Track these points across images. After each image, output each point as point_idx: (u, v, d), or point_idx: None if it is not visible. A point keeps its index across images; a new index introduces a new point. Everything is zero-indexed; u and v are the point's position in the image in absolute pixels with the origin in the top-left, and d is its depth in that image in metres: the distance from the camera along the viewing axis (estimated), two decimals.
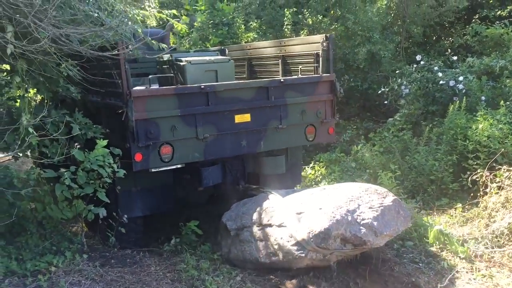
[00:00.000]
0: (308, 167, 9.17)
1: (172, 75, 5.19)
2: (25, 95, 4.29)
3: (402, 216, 4.40)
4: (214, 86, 4.85)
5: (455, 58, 9.23)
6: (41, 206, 4.42)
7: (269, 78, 5.75)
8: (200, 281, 4.09)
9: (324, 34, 5.39)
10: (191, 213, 5.66)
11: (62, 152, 4.33)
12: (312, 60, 5.52)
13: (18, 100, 4.59)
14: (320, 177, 8.80)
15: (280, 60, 6.13)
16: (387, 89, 8.90)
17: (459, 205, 6.13)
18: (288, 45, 6.09)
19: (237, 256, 4.54)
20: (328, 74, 5.38)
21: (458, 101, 7.43)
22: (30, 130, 4.19)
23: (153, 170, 4.57)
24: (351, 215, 4.06)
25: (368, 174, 7.82)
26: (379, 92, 9.19)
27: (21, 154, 4.52)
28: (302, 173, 8.90)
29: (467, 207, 6.06)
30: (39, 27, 3.62)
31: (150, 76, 5.50)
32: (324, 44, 5.29)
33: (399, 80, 8.89)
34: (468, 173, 6.20)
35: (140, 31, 5.03)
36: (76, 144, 4.49)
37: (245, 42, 12.07)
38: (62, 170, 4.18)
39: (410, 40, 11.97)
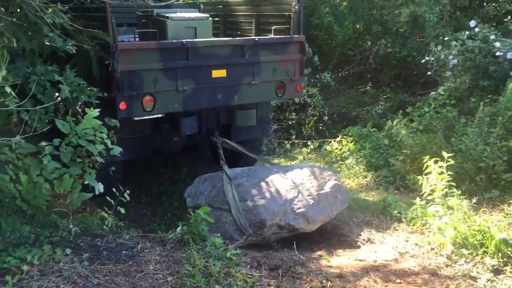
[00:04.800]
0: (334, 141, 8.25)
1: (155, 30, 5.30)
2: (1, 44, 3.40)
3: (339, 200, 5.00)
4: (194, 42, 5.10)
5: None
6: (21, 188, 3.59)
7: (243, 37, 6.09)
8: None
9: None
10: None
11: (48, 119, 3.48)
12: (284, 21, 5.87)
13: None
14: (347, 153, 7.90)
15: (253, 20, 6.47)
16: (432, 58, 7.79)
17: None
18: (262, 5, 6.42)
19: None
20: (299, 35, 5.70)
21: None
22: (8, 90, 3.34)
23: (135, 118, 4.93)
24: (288, 204, 4.65)
25: (404, 155, 6.89)
26: (422, 61, 8.08)
27: None
28: (328, 148, 8.03)
29: None
30: None
31: (136, 30, 5.72)
32: (296, 6, 5.61)
33: (440, 47, 7.76)
34: None
35: None
36: (80, 105, 3.71)
37: None
38: (43, 143, 3.32)
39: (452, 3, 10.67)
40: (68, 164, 3.42)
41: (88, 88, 3.92)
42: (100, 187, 4.04)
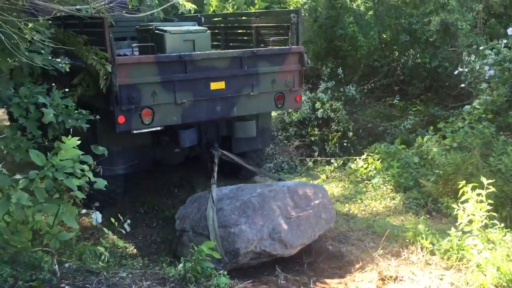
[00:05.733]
0: (359, 159, 7.71)
1: (153, 44, 5.30)
2: None
3: (324, 220, 4.91)
4: (192, 55, 5.14)
5: None
6: None
7: (243, 48, 6.03)
8: None
9: (294, 9, 5.93)
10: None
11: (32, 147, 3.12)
12: (283, 32, 5.96)
13: None
14: (374, 171, 7.34)
15: (253, 31, 6.53)
16: (465, 69, 7.19)
17: None
18: (261, 17, 6.58)
19: (180, 255, 4.64)
20: (297, 46, 5.77)
21: None
22: None
23: (134, 131, 4.97)
24: (266, 230, 4.54)
25: (437, 176, 6.30)
26: (455, 72, 7.48)
27: None
28: (352, 166, 7.50)
29: None
30: None
31: (133, 45, 5.83)
32: (294, 18, 5.67)
33: (474, 57, 7.16)
34: None
35: None
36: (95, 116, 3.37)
37: (294, 8, 10.80)
38: (18, 176, 2.94)
39: (486, 10, 10.02)
40: (45, 200, 2.99)
41: (77, 111, 3.54)
42: (98, 218, 3.74)
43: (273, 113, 10.93)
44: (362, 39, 9.61)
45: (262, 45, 6.23)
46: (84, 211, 4.13)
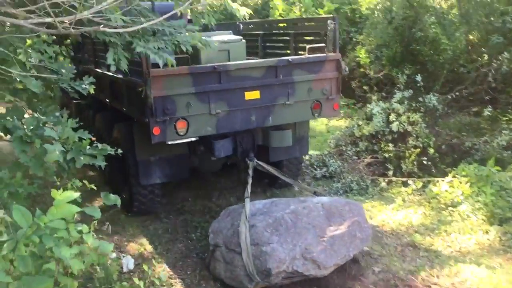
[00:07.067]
0: (442, 181, 6.62)
1: (188, 56, 5.13)
2: None
3: (358, 239, 4.78)
4: (226, 65, 5.18)
5: None
6: None
7: (280, 56, 6.11)
8: None
9: (332, 16, 5.86)
10: None
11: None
12: (320, 39, 5.88)
13: None
14: (461, 197, 6.24)
15: (291, 38, 6.58)
16: None
17: None
18: (298, 24, 6.76)
19: (213, 270, 4.87)
20: (334, 53, 5.68)
21: None
22: None
23: (169, 142, 5.02)
24: (298, 249, 4.44)
25: None
26: None
27: None
28: (434, 189, 6.46)
29: None
30: None
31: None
32: (331, 24, 5.59)
33: None
34: None
35: None
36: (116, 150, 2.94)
37: (366, 9, 9.99)
38: (4, 237, 2.26)
39: None
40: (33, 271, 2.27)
41: (91, 146, 2.91)
42: (130, 263, 3.25)
43: (342, 125, 10.07)
44: (446, 41, 8.61)
45: (300, 52, 6.17)
46: (114, 255, 3.58)
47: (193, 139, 5.20)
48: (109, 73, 5.97)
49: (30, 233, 2.12)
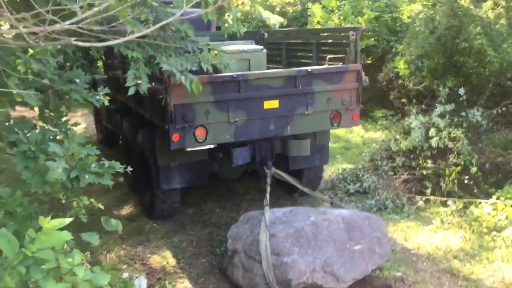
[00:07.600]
0: (486, 202, 6.19)
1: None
2: None
3: (378, 254, 4.80)
4: (245, 75, 5.22)
5: None
6: None
7: (303, 65, 6.22)
8: None
9: (353, 26, 6.15)
10: None
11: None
12: (341, 49, 5.93)
13: None
14: (505, 221, 5.81)
15: (313, 48, 6.58)
16: None
17: None
18: (320, 34, 6.90)
19: (230, 275, 4.88)
20: (355, 64, 5.70)
21: None
22: None
23: (188, 149, 5.12)
24: (318, 262, 4.47)
25: None
26: None
27: None
28: (476, 211, 6.06)
29: None
30: None
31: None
32: (352, 36, 5.61)
33: None
34: None
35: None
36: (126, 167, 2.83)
37: (407, 17, 9.62)
38: None
39: None
40: None
41: (98, 163, 2.73)
42: (142, 284, 3.16)
43: (378, 137, 9.70)
44: (492, 53, 8.05)
45: (323, 62, 6.17)
46: (126, 274, 3.42)
47: (212, 146, 5.27)
48: None
49: (15, 263, 1.94)
